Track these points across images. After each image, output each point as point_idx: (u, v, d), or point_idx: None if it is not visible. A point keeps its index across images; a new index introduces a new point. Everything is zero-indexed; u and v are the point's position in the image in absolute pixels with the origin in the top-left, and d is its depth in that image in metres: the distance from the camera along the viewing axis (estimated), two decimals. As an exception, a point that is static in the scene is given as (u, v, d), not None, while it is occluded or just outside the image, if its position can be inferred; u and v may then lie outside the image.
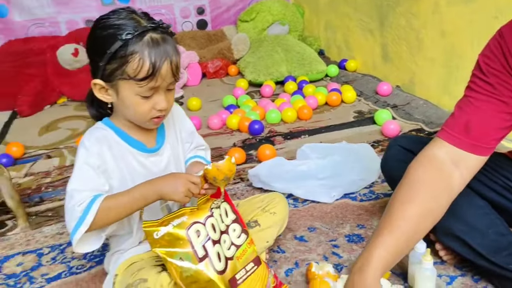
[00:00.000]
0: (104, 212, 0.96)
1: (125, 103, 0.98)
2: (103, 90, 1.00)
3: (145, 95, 0.96)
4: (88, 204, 0.96)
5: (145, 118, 1.01)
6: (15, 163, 1.92)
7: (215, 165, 0.97)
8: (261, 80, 2.64)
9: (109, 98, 1.00)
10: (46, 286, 1.20)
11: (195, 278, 0.94)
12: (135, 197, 0.99)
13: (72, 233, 0.96)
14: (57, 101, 2.63)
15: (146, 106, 0.98)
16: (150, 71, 0.92)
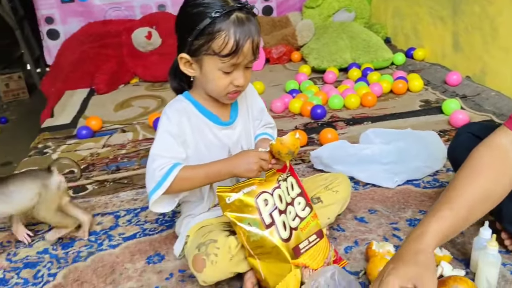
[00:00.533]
0: (180, 180, 1.05)
1: (207, 77, 1.06)
2: (187, 64, 1.08)
3: (226, 70, 1.03)
4: (168, 170, 1.05)
5: (223, 92, 1.08)
6: (93, 135, 2.09)
7: (279, 140, 1.02)
8: (325, 67, 2.65)
9: (193, 72, 1.08)
10: (123, 244, 1.32)
11: (261, 243, 1.01)
12: (210, 173, 1.07)
13: (150, 193, 1.06)
14: (130, 81, 2.80)
15: (226, 81, 1.05)
16: (234, 48, 0.99)
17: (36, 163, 1.86)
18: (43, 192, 1.25)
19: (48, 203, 1.26)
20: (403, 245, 0.93)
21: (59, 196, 1.29)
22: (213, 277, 1.01)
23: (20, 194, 1.23)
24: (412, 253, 0.89)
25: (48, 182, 1.26)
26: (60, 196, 1.29)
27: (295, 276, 1.01)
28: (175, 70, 1.17)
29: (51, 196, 1.26)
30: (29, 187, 1.24)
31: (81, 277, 1.19)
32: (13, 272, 1.23)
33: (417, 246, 0.90)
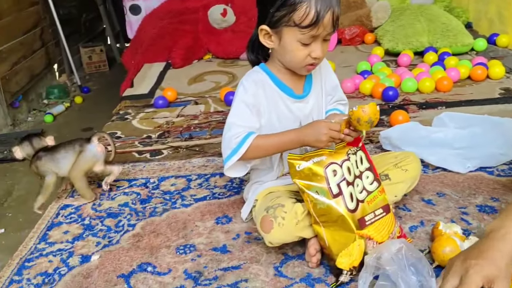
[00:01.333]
0: (254, 148, 1.11)
1: (285, 48, 1.09)
2: (267, 36, 1.12)
3: (305, 42, 1.06)
4: (243, 138, 1.11)
5: (300, 64, 1.11)
6: (169, 105, 2.22)
7: (360, 107, 1.04)
8: (399, 49, 2.57)
9: (271, 44, 1.13)
10: (194, 204, 1.41)
11: (326, 211, 1.04)
12: (281, 141, 1.12)
13: (225, 160, 1.14)
14: (203, 57, 2.91)
15: (303, 53, 1.08)
16: (314, 19, 1.02)
17: (118, 127, 2.01)
18: (79, 156, 1.41)
19: (80, 166, 1.41)
20: (484, 241, 0.91)
21: (93, 163, 1.43)
22: (279, 238, 1.07)
23: (65, 160, 1.42)
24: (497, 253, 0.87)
25: (85, 149, 1.41)
26: (94, 162, 1.43)
27: (359, 246, 1.04)
28: (253, 43, 1.22)
29: (84, 160, 1.41)
30: (70, 153, 1.42)
31: (156, 229, 1.30)
32: (97, 220, 1.36)
33: (503, 246, 0.88)
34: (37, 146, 1.46)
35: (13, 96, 3.21)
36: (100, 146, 1.42)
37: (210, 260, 1.15)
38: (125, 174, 1.62)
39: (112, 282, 1.10)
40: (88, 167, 1.41)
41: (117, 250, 1.21)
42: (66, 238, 1.29)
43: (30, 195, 2.39)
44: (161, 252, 1.20)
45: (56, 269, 1.16)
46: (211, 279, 1.09)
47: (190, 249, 1.20)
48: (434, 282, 0.93)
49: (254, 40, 1.21)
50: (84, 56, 4.44)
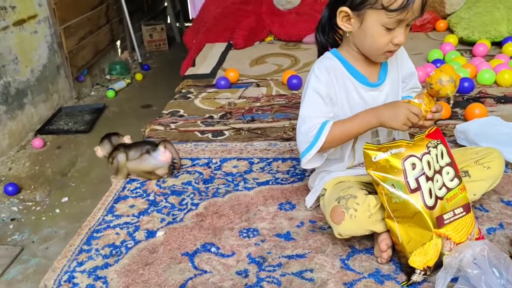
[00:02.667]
0: (331, 137, 1.08)
1: (366, 33, 1.03)
2: (346, 18, 1.06)
3: (390, 27, 1.00)
4: (319, 129, 1.08)
5: (380, 50, 1.05)
6: (230, 86, 2.20)
7: (436, 69, 0.99)
8: (475, 38, 2.40)
9: (349, 27, 1.07)
10: (257, 188, 1.39)
11: (402, 206, 0.99)
12: (358, 123, 1.08)
13: (303, 153, 1.12)
14: (265, 38, 2.87)
15: (386, 39, 1.02)
16: (405, 2, 0.95)
17: (181, 105, 2.03)
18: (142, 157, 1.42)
19: (140, 167, 1.44)
20: None
21: (154, 168, 1.43)
22: (350, 230, 1.03)
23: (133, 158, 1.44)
24: None
25: (150, 154, 1.41)
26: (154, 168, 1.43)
27: (436, 245, 0.98)
28: (323, 24, 1.16)
29: (145, 163, 1.42)
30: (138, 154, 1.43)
31: (219, 210, 1.29)
32: (162, 197, 1.38)
33: None
34: (116, 144, 1.51)
35: (79, 70, 3.34)
36: (166, 155, 1.42)
37: (274, 246, 1.13)
38: (188, 152, 1.63)
39: (177, 259, 1.11)
40: (147, 169, 1.44)
41: (181, 228, 1.22)
42: (132, 212, 1.31)
43: (92, 168, 2.49)
44: (224, 234, 1.19)
45: (123, 242, 1.18)
46: (275, 266, 1.07)
47: (254, 233, 1.19)
48: (520, 288, 0.86)
49: (324, 21, 1.15)
50: (146, 34, 4.53)
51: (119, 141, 1.52)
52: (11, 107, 2.57)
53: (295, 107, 1.90)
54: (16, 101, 2.62)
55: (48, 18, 2.96)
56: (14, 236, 1.94)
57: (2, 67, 2.50)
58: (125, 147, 1.47)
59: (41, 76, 2.88)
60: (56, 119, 2.98)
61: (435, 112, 1.04)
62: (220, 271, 1.07)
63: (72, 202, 2.22)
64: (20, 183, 2.32)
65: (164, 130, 1.80)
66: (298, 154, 1.55)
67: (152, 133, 1.78)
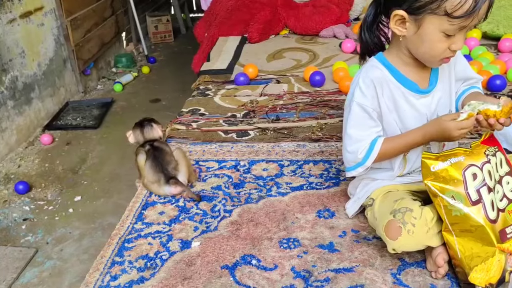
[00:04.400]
0: (381, 155, 1.05)
1: (422, 38, 0.96)
2: (400, 21, 0.99)
3: (451, 33, 0.93)
4: (368, 149, 1.05)
5: (437, 57, 0.99)
6: (249, 82, 2.12)
7: None
8: (500, 33, 2.33)
9: (404, 31, 0.99)
10: (291, 193, 1.33)
11: (463, 219, 0.93)
12: (407, 143, 1.05)
13: (348, 169, 1.09)
14: (280, 32, 2.78)
15: (444, 45, 0.96)
16: (471, 9, 0.88)
17: (200, 103, 1.95)
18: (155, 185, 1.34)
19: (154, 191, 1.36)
20: None
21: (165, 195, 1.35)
22: (406, 246, 0.97)
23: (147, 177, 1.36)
24: None
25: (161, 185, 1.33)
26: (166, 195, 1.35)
27: (499, 261, 0.92)
28: (370, 24, 1.09)
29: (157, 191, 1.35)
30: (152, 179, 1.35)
31: (255, 218, 1.23)
32: (192, 203, 1.31)
33: None
34: (147, 136, 1.42)
35: (85, 63, 3.24)
36: (176, 190, 1.33)
37: (318, 259, 1.07)
38: (213, 154, 1.56)
39: (217, 273, 1.04)
40: (159, 194, 1.36)
41: (217, 238, 1.15)
42: (163, 219, 1.24)
43: (104, 165, 2.42)
44: (264, 244, 1.13)
45: (157, 253, 1.12)
46: (322, 281, 1.01)
47: (294, 244, 1.12)
48: None
49: (370, 19, 1.08)
50: (151, 26, 4.42)
51: (151, 133, 1.42)
52: (18, 102, 2.48)
53: (320, 105, 1.83)
54: (24, 95, 2.54)
55: (55, 10, 2.86)
56: (28, 237, 1.88)
57: (9, 61, 2.41)
58: (147, 155, 1.37)
59: (47, 70, 2.79)
60: (63, 114, 2.90)
61: (502, 123, 0.97)
62: (265, 286, 1.00)
63: (85, 201, 2.14)
64: (31, 181, 2.24)
65: (186, 130, 1.72)
66: (329, 156, 1.50)
67: (173, 133, 1.71)
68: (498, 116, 0.96)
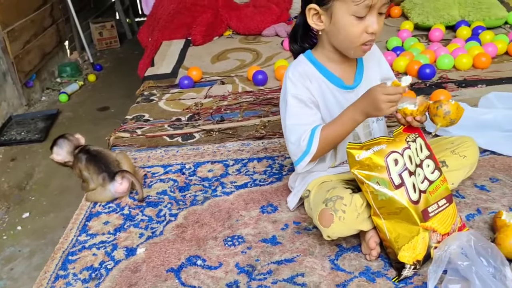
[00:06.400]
0: (324, 141, 1.07)
1: (337, 26, 1.01)
2: (316, 16, 1.04)
3: (360, 14, 0.98)
4: (309, 137, 1.06)
5: (356, 43, 1.03)
6: (194, 85, 2.14)
7: (457, 103, 1.00)
8: (430, 24, 2.47)
9: (321, 24, 1.05)
10: (236, 191, 1.36)
11: (388, 203, 0.99)
12: (344, 122, 1.06)
13: (297, 162, 1.11)
14: (223, 33, 2.80)
15: (359, 29, 1.00)
16: None
17: (145, 109, 1.95)
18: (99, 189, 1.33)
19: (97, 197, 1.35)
20: None
21: (112, 198, 1.35)
22: (339, 232, 1.02)
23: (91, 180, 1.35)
24: None
25: (105, 185, 1.31)
26: (112, 198, 1.35)
27: (423, 239, 0.99)
28: (296, 32, 1.14)
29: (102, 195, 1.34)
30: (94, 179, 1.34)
31: (200, 219, 1.25)
32: (137, 210, 1.32)
33: None
34: (70, 148, 1.39)
35: (27, 75, 3.15)
36: (123, 186, 1.31)
37: (261, 253, 1.11)
38: (159, 159, 1.57)
39: (162, 277, 1.06)
40: (105, 200, 1.35)
41: (162, 242, 1.17)
42: (107, 229, 1.24)
43: (52, 178, 2.36)
44: (209, 244, 1.15)
45: (102, 263, 1.12)
46: (265, 273, 1.05)
47: (239, 241, 1.16)
48: (509, 271, 0.89)
49: (297, 28, 1.13)
50: (95, 33, 4.33)
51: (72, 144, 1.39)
52: (-45, 121, 2.38)
53: (263, 104, 1.87)
54: (-39, 114, 2.43)
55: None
56: (-25, 259, 1.82)
57: None
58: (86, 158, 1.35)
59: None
60: (6, 129, 2.80)
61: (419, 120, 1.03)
62: (210, 285, 1.03)
63: (34, 217, 2.10)
64: (-26, 201, 2.17)
65: (130, 137, 1.72)
66: (272, 152, 1.55)
67: (117, 141, 1.70)
68: (414, 114, 1.03)
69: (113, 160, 1.35)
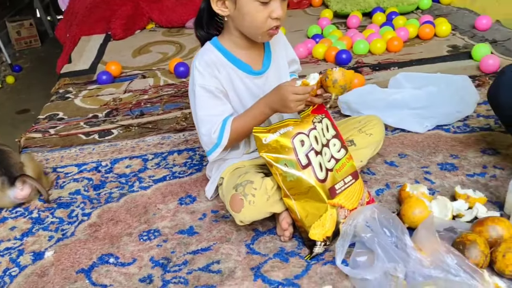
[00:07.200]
0: (235, 133, 1.07)
1: (243, 12, 1.00)
2: (220, 2, 1.02)
3: (264, 0, 0.98)
4: (220, 129, 1.06)
5: (262, 28, 1.02)
6: (114, 80, 2.06)
7: (341, 69, 1.01)
8: (348, 11, 2.55)
9: (226, 10, 1.03)
10: (154, 185, 1.33)
11: (296, 183, 1.00)
12: (256, 115, 1.07)
13: (208, 153, 1.10)
14: (146, 26, 2.73)
15: (263, 14, 1.00)
16: None
17: (59, 108, 1.85)
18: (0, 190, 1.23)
19: None
20: None
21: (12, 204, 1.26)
22: (250, 216, 1.02)
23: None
24: None
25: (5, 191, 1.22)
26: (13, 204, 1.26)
27: (331, 215, 1.02)
28: (201, 18, 1.12)
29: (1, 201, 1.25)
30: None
31: (115, 216, 1.21)
32: (47, 212, 1.25)
33: None
34: None
35: None
36: (23, 192, 1.22)
37: (177, 244, 1.09)
38: (73, 158, 1.50)
39: (71, 279, 1.01)
40: (5, 206, 1.25)
41: (73, 243, 1.12)
42: (14, 234, 1.17)
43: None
44: (123, 241, 1.11)
45: (5, 271, 1.05)
46: (180, 265, 1.03)
47: (155, 235, 1.13)
48: (408, 239, 0.93)
49: (202, 14, 1.11)
50: (12, 32, 4.06)
51: None
52: None
53: (185, 95, 1.84)
54: None
55: None
56: None
57: None
58: None
59: None
60: None
61: (319, 95, 1.05)
62: (122, 282, 1.00)
63: None
64: None
65: (43, 137, 1.63)
66: (193, 144, 1.53)
67: (28, 142, 1.60)
68: (312, 93, 1.04)
69: (16, 163, 1.26)
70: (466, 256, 0.90)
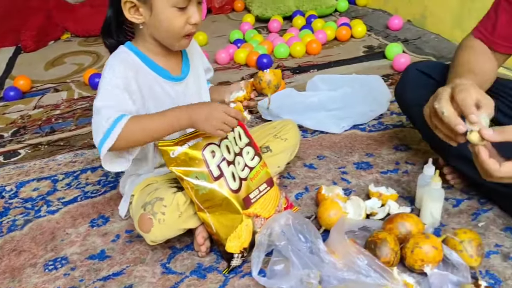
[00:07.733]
0: (131, 130, 0.93)
1: (159, 18, 0.95)
2: (133, 9, 0.96)
3: (181, 5, 0.93)
4: (115, 119, 0.93)
5: (179, 34, 0.98)
6: (23, 96, 1.92)
7: (271, 70, 1.03)
8: (268, 15, 2.57)
9: (140, 18, 0.97)
10: (63, 208, 1.23)
11: (210, 196, 0.97)
12: (165, 120, 0.95)
13: (99, 146, 0.95)
14: (61, 36, 2.58)
15: (181, 20, 0.95)
16: None
17: (-42, 129, 1.68)
18: None
19: None
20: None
21: None
22: (161, 236, 0.97)
23: None
24: None
25: None
26: None
27: (247, 226, 0.99)
28: (109, 26, 1.05)
29: None
30: None
31: (18, 246, 1.11)
32: None
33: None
34: None
35: None
36: None
37: (86, 272, 1.01)
38: (-28, 185, 1.36)
39: (-36, 323, 0.91)
40: None
41: (-32, 282, 1.01)
42: None
43: None
44: (26, 273, 1.02)
45: None
46: (89, 293, 0.96)
47: (62, 263, 1.04)
48: (322, 243, 0.93)
49: (110, 21, 1.04)
50: None
51: None
52: None
53: (100, 108, 1.75)
54: None
55: None
56: None
57: None
58: None
59: None
60: None
61: (251, 99, 1.05)
62: (23, 319, 0.91)
63: None
64: None
65: None
66: (108, 160, 1.44)
67: None
68: (247, 97, 1.05)
69: None
70: (378, 255, 0.91)
